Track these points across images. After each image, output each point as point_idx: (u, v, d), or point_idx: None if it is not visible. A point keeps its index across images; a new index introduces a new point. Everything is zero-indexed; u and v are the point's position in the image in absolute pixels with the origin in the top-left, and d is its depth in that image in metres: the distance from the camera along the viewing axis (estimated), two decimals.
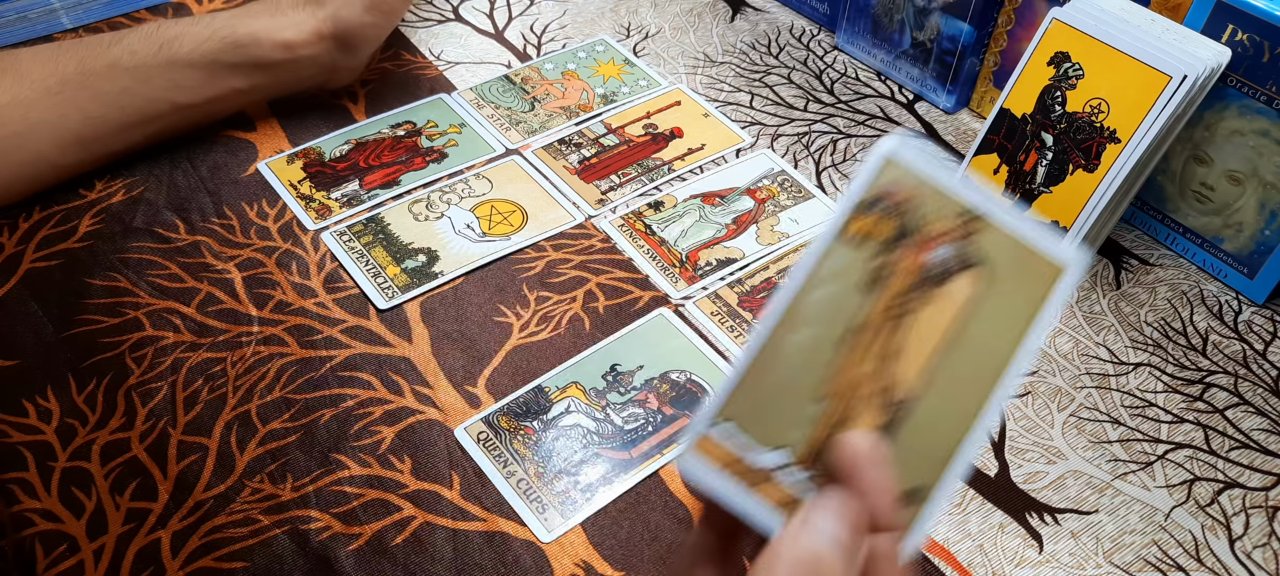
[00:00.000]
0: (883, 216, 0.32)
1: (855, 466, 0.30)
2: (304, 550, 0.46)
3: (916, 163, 0.31)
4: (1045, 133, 0.58)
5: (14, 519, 0.47)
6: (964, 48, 0.69)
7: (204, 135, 0.68)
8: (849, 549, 0.30)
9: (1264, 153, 0.56)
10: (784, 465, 0.31)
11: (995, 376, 0.31)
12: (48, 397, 0.52)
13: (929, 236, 0.31)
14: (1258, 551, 0.48)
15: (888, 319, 0.31)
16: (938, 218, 0.31)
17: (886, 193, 0.32)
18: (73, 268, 0.58)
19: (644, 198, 0.65)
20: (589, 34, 0.79)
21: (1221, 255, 0.60)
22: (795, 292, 0.31)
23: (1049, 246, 0.31)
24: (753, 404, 0.31)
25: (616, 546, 0.47)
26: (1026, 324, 0.31)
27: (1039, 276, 0.31)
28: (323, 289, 0.58)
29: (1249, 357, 0.57)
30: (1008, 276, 0.31)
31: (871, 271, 0.31)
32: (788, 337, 0.31)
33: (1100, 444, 0.52)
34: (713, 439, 0.31)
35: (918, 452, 0.31)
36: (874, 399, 0.31)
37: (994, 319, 0.31)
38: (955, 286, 0.31)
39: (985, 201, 0.31)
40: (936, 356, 0.31)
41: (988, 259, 0.31)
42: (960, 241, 0.31)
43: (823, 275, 0.31)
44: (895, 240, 0.31)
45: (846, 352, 0.31)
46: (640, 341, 0.56)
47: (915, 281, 0.31)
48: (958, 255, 0.31)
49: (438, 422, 0.51)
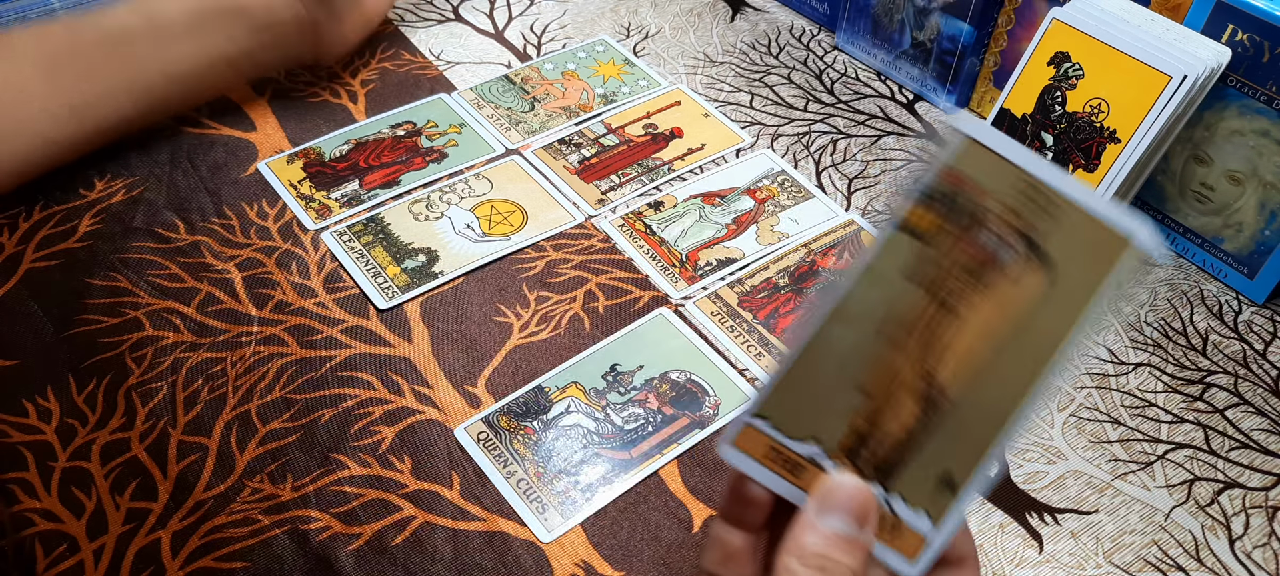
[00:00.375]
0: (943, 207, 0.30)
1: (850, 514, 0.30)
2: (304, 550, 0.46)
3: (988, 139, 0.30)
4: (1045, 133, 0.58)
5: (14, 519, 0.47)
6: (964, 48, 0.69)
7: (204, 135, 0.68)
8: (854, 539, 0.30)
9: (1264, 153, 0.56)
10: (820, 454, 0.31)
11: (1045, 361, 0.30)
12: (48, 397, 0.52)
13: (984, 218, 0.30)
14: (1258, 551, 0.48)
15: (936, 307, 0.30)
16: (995, 197, 0.30)
17: (950, 179, 0.30)
18: (73, 268, 0.58)
19: (644, 198, 0.65)
20: (589, 34, 0.79)
21: (1221, 255, 0.60)
22: (846, 292, 0.31)
23: (1114, 217, 0.29)
24: (795, 397, 0.31)
25: (616, 546, 0.47)
26: (1084, 304, 0.29)
27: (1101, 252, 0.29)
28: (323, 289, 0.58)
29: (1249, 357, 0.57)
30: (1068, 255, 0.29)
31: (928, 262, 0.30)
32: (836, 335, 0.31)
33: (1100, 444, 0.52)
34: (755, 428, 0.32)
35: (957, 441, 0.30)
36: (915, 388, 0.31)
37: (1052, 301, 0.29)
38: (1016, 273, 0.30)
39: (1055, 178, 0.30)
40: (987, 342, 0.30)
41: (1046, 237, 0.29)
42: (1025, 225, 0.30)
43: (878, 271, 0.31)
44: (954, 229, 0.30)
45: (887, 343, 0.31)
46: (640, 341, 0.56)
47: (972, 270, 0.30)
48: (1021, 241, 0.30)
49: (438, 422, 0.51)
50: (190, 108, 0.68)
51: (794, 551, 0.30)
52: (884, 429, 0.31)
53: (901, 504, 0.31)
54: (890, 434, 0.31)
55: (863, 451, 0.31)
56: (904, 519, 0.31)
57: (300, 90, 0.72)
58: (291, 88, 0.72)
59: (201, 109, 0.69)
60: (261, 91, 0.72)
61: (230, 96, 0.71)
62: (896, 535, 0.31)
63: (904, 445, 0.31)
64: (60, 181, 0.63)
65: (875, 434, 0.31)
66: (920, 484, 0.31)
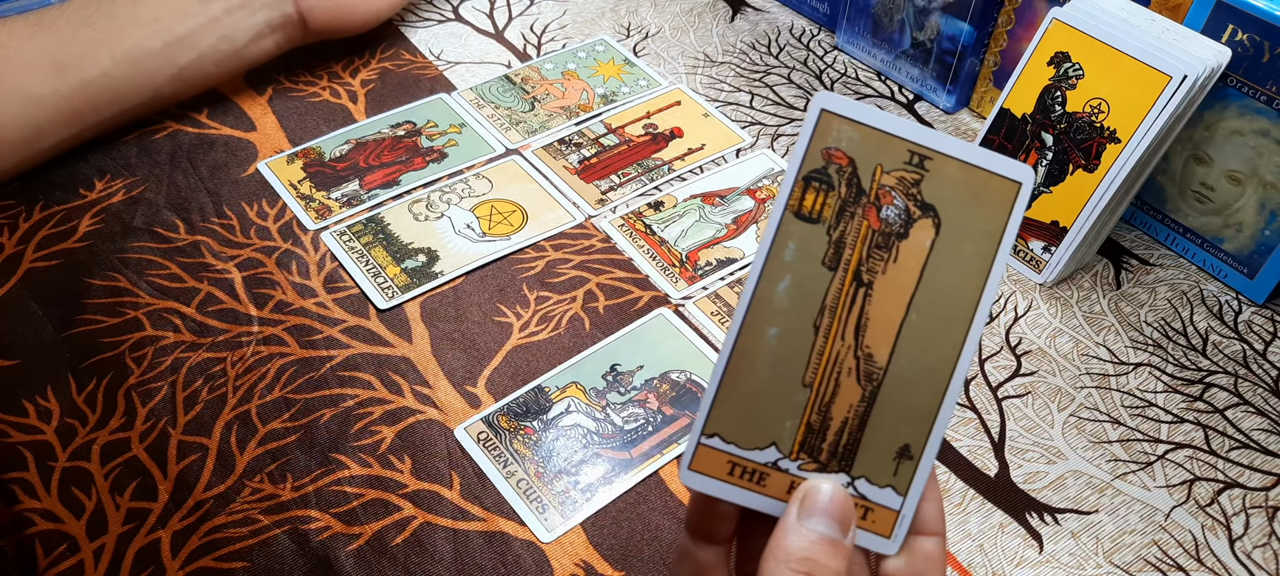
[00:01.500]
0: (829, 186, 0.31)
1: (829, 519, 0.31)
2: (304, 550, 0.46)
3: (852, 111, 0.31)
4: (1045, 133, 0.58)
5: (14, 519, 0.47)
6: (964, 48, 0.69)
7: (203, 134, 0.68)
8: (838, 543, 0.30)
9: (1264, 153, 0.56)
10: (781, 458, 0.31)
11: (968, 316, 0.31)
12: (48, 397, 0.52)
13: (879, 191, 0.31)
14: (1258, 551, 0.48)
15: (856, 287, 0.31)
16: (884, 168, 0.31)
17: (828, 158, 0.31)
18: (73, 267, 0.58)
19: (644, 197, 0.65)
20: (589, 34, 0.79)
21: (1221, 255, 0.60)
22: (755, 290, 0.31)
23: (1000, 166, 0.31)
24: (741, 408, 0.31)
25: (616, 546, 0.47)
26: (991, 253, 0.31)
27: (995, 200, 0.31)
28: (323, 289, 0.58)
29: (1249, 358, 0.57)
30: (964, 209, 0.31)
31: (831, 243, 0.31)
32: (761, 336, 0.31)
33: (1100, 444, 0.52)
34: (710, 447, 0.32)
35: (904, 410, 0.31)
36: (855, 370, 0.31)
37: (958, 257, 0.31)
38: (915, 235, 0.31)
39: (929, 137, 0.31)
40: (909, 311, 0.31)
41: (941, 197, 0.31)
42: (911, 187, 0.31)
43: (783, 263, 0.31)
44: (847, 205, 0.31)
45: (818, 331, 0.31)
46: (640, 341, 0.56)
47: (875, 241, 0.31)
48: (911, 202, 0.31)
49: (438, 422, 0.51)
50: (183, 87, 0.67)
51: (779, 556, 0.30)
52: (835, 416, 0.31)
53: (867, 485, 0.31)
54: (842, 420, 0.31)
55: (820, 444, 0.31)
56: (874, 499, 0.31)
57: (300, 90, 0.72)
58: (291, 87, 0.72)
59: (200, 108, 0.69)
60: (261, 90, 0.72)
61: (230, 96, 0.71)
62: (869, 517, 0.32)
63: (856, 428, 0.31)
64: (60, 181, 0.63)
65: (828, 423, 0.31)
66: (881, 462, 0.31)
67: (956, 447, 0.51)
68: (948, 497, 0.49)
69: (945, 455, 0.51)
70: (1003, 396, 0.54)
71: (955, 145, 0.31)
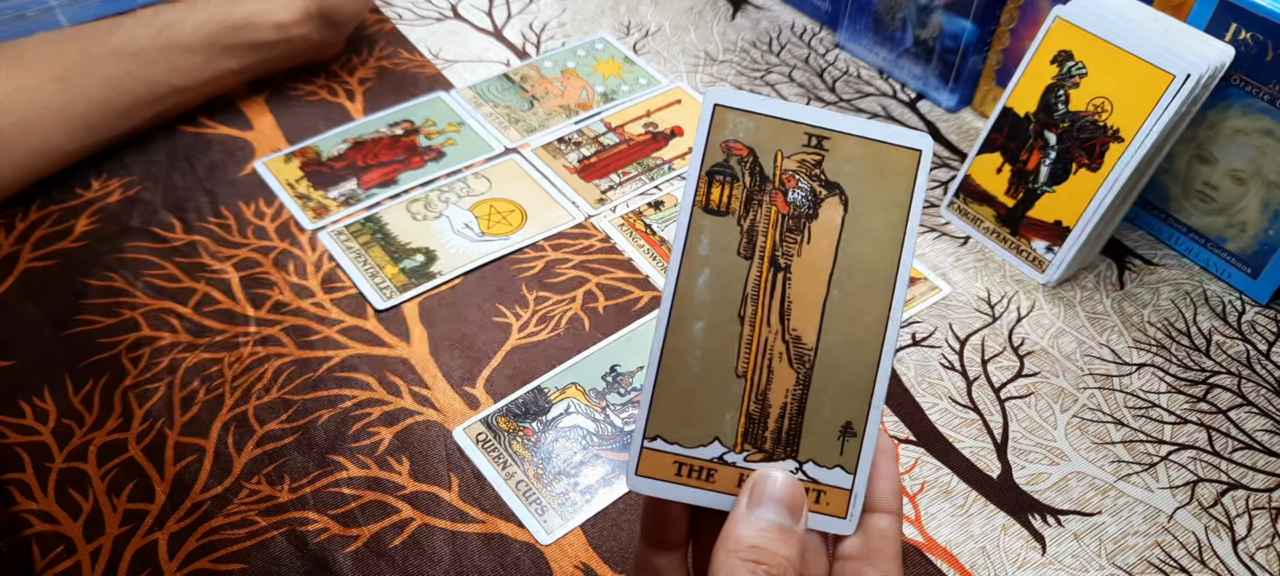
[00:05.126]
0: (732, 177, 0.31)
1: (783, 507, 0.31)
2: (302, 552, 0.46)
3: (744, 101, 0.31)
4: (1048, 132, 0.58)
5: (11, 520, 0.47)
6: (966, 46, 0.68)
7: (201, 134, 0.67)
8: (789, 530, 0.30)
9: (1268, 152, 0.56)
10: (726, 452, 0.32)
11: (888, 286, 0.31)
12: (45, 398, 0.52)
13: (783, 176, 0.31)
14: (1261, 553, 0.47)
15: (774, 271, 0.31)
16: (784, 154, 0.31)
17: (728, 150, 0.31)
18: (70, 268, 0.58)
19: (644, 197, 0.65)
20: (588, 32, 0.79)
21: (1225, 255, 0.60)
22: (676, 288, 0.31)
23: (898, 137, 0.31)
24: (679, 406, 0.32)
25: (616, 548, 0.46)
26: (902, 222, 0.31)
27: (898, 171, 0.31)
28: (320, 289, 0.58)
29: (1253, 358, 0.56)
30: (868, 183, 0.31)
31: (743, 233, 0.31)
32: (688, 332, 0.31)
33: (1103, 445, 0.52)
34: (653, 450, 0.32)
35: (840, 388, 0.31)
36: (786, 355, 0.31)
37: (869, 229, 0.31)
38: (825, 214, 0.31)
39: (824, 118, 0.31)
40: (830, 288, 0.31)
41: (844, 174, 0.31)
42: (813, 168, 0.31)
43: (699, 258, 0.31)
44: (754, 193, 0.31)
45: (748, 321, 0.31)
46: (640, 342, 0.55)
47: (786, 225, 0.31)
48: (816, 182, 0.31)
49: (436, 424, 0.51)
50: (190, 108, 0.69)
51: (729, 546, 0.30)
52: (773, 403, 0.31)
53: (816, 468, 0.32)
54: (780, 406, 0.31)
55: (763, 432, 0.31)
56: (824, 481, 0.32)
57: (298, 89, 0.72)
58: (289, 86, 0.72)
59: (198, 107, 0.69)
60: (259, 90, 0.72)
61: (228, 95, 0.71)
62: (822, 500, 0.32)
63: (796, 412, 0.31)
64: (57, 181, 0.63)
65: (768, 411, 0.31)
66: (826, 442, 0.31)
67: (959, 449, 0.51)
68: (950, 499, 0.49)
69: (948, 457, 0.51)
70: (1005, 397, 0.54)
71: (850, 122, 0.31)
